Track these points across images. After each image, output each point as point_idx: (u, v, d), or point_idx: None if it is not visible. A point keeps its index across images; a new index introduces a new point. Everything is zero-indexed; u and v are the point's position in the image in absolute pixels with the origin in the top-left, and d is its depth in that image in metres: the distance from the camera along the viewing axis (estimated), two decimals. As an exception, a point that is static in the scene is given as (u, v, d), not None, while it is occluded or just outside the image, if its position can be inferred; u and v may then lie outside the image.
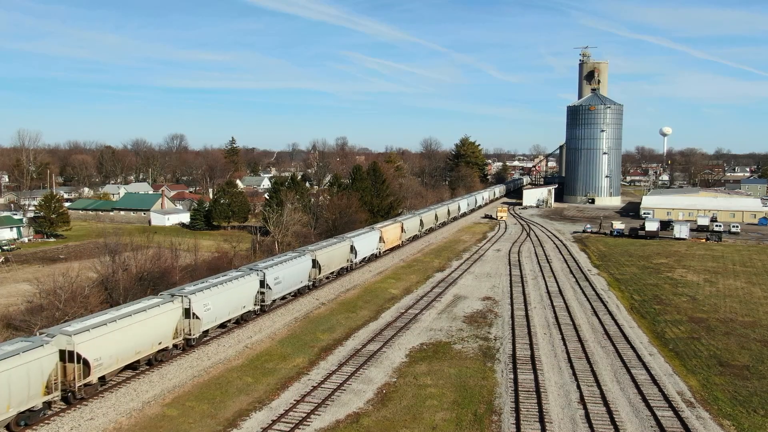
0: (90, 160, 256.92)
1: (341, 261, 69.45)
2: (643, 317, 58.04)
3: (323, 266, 63.97)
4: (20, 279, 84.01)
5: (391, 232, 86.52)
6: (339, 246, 68.92)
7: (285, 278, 55.70)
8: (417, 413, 35.43)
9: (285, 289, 56.26)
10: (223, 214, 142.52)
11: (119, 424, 33.27)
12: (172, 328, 41.92)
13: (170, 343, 41.79)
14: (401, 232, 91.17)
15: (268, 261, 57.51)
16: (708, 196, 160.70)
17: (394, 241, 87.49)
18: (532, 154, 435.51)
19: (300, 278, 59.22)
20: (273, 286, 53.58)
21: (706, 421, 34.82)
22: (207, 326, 45.16)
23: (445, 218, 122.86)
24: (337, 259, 68.02)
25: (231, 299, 48.04)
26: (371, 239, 78.63)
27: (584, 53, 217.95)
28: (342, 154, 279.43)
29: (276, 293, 54.67)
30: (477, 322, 55.02)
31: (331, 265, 66.73)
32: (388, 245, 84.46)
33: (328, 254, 65.71)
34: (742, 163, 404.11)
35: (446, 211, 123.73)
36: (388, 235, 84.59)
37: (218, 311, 46.22)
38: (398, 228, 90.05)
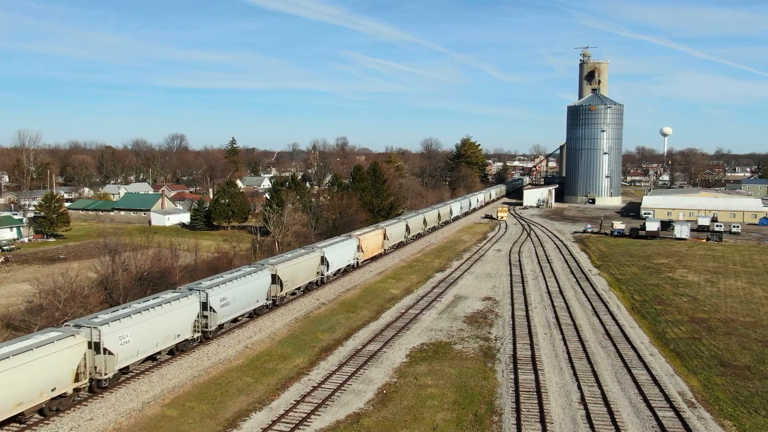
0: (90, 160, 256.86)
1: (309, 274, 61.96)
2: (644, 317, 57.94)
3: (286, 282, 56.43)
4: (20, 279, 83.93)
5: (371, 240, 78.85)
6: (306, 258, 61.38)
7: (235, 298, 48.20)
8: (417, 413, 35.34)
9: (235, 311, 48.51)
10: (223, 214, 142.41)
11: (119, 425, 33.17)
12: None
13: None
14: (383, 239, 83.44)
15: (216, 278, 49.62)
16: (708, 196, 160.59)
17: (374, 249, 80.00)
18: (532, 154, 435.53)
19: (255, 297, 51.51)
20: (219, 309, 45.97)
21: (708, 422, 34.71)
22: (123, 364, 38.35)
23: (435, 223, 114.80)
24: (303, 272, 60.48)
25: (158, 328, 40.16)
26: (347, 249, 71.09)
27: (584, 53, 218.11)
28: (342, 154, 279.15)
29: (223, 316, 46.90)
30: (477, 322, 54.92)
31: (296, 280, 59.22)
32: (367, 254, 77.13)
33: (293, 268, 58.07)
34: (742, 163, 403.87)
35: (436, 215, 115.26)
36: (368, 243, 77.19)
37: (141, 345, 38.77)
38: (380, 235, 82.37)
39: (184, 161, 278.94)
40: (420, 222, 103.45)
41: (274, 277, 54.48)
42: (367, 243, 76.89)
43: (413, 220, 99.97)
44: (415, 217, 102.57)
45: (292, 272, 57.94)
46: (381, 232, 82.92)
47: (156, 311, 40.51)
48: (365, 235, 77.35)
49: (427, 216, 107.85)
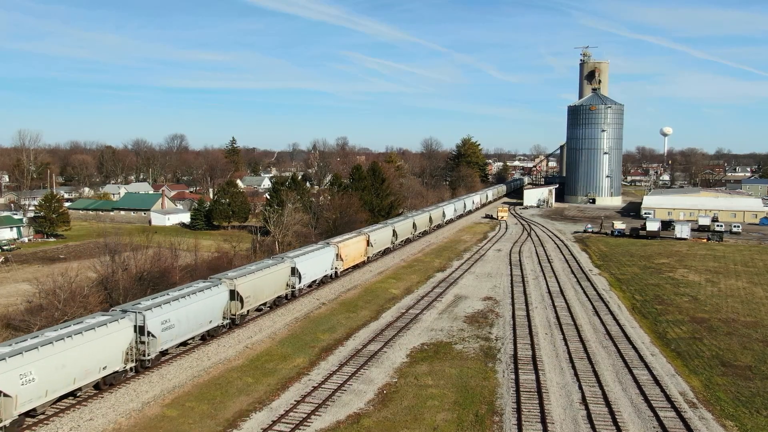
0: (90, 160, 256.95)
1: (277, 288, 55.73)
2: (645, 317, 57.84)
3: (248, 298, 50.17)
4: (20, 279, 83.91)
5: (353, 248, 72.74)
6: (274, 270, 54.86)
7: (182, 320, 42.18)
8: (418, 414, 35.23)
9: (182, 335, 42.64)
10: (223, 214, 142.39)
11: (119, 425, 33.08)
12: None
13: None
14: (367, 246, 77.30)
15: (159, 296, 43.60)
16: (709, 196, 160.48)
17: (356, 257, 73.93)
18: (532, 154, 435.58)
19: (208, 317, 45.43)
20: (160, 333, 39.90)
21: (709, 422, 34.61)
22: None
23: (426, 227, 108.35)
24: (270, 286, 54.29)
25: (74, 365, 33.88)
26: (323, 258, 64.77)
27: (585, 53, 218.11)
28: (342, 154, 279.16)
29: (166, 341, 40.86)
30: (478, 322, 54.82)
31: (261, 296, 52.84)
32: (348, 263, 71.34)
33: (257, 282, 51.68)
34: (742, 163, 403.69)
35: (427, 218, 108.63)
36: (348, 251, 71.33)
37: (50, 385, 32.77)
38: (362, 242, 76.10)
39: (184, 161, 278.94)
40: (408, 227, 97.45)
41: (232, 293, 48.05)
42: (348, 251, 71.06)
43: (401, 224, 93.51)
44: (403, 221, 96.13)
45: (256, 286, 51.58)
46: (363, 239, 76.59)
47: (75, 341, 34.08)
48: (345, 242, 71.27)
49: (417, 220, 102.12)
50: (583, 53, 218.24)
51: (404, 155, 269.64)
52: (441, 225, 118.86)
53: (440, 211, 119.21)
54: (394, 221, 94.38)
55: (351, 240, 73.38)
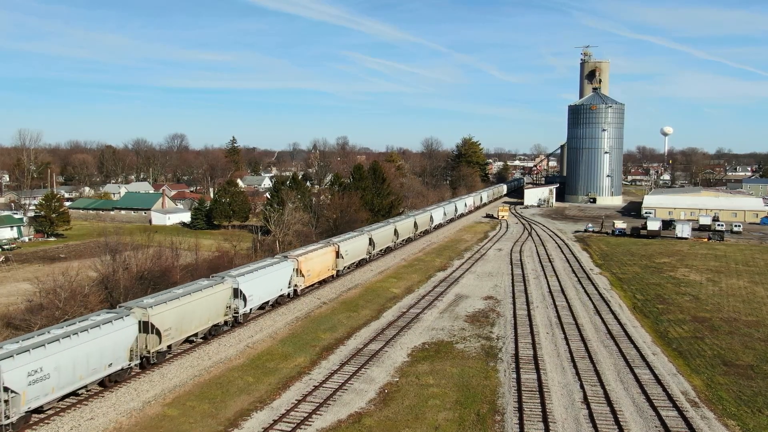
0: (91, 160, 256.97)
1: (213, 315, 45.58)
2: (646, 317, 57.76)
3: (168, 330, 40.48)
4: (20, 278, 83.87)
5: (317, 261, 63.54)
6: (208, 293, 44.94)
7: (66, 366, 32.99)
8: (419, 413, 35.16)
9: (65, 385, 33.28)
10: (223, 214, 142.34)
11: (119, 424, 33.01)
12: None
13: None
14: (336, 258, 68.34)
15: (39, 336, 33.74)
16: (710, 195, 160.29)
17: (322, 272, 64.81)
18: (533, 153, 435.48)
19: (105, 360, 35.81)
20: (27, 387, 30.77)
21: (711, 421, 34.54)
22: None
23: (411, 233, 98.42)
24: (203, 313, 44.33)
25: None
26: (277, 275, 55.17)
27: (585, 53, 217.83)
28: (343, 153, 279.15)
29: (39, 396, 31.70)
30: (479, 321, 54.75)
31: (189, 325, 43.00)
32: (312, 278, 62.30)
33: (183, 309, 41.98)
34: (743, 162, 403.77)
35: (411, 224, 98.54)
36: (312, 264, 61.98)
37: None
38: (330, 254, 67.03)
39: (184, 161, 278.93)
40: (389, 233, 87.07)
41: (145, 325, 38.75)
42: (311, 265, 61.96)
43: (380, 231, 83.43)
44: (383, 228, 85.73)
45: (182, 315, 41.96)
46: (332, 250, 67.65)
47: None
48: (308, 255, 62.11)
49: (399, 226, 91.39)
50: (584, 53, 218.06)
51: (405, 155, 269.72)
52: (428, 231, 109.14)
53: (427, 216, 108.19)
54: (371, 228, 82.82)
55: (316, 252, 63.95)
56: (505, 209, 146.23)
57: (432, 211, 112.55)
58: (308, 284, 61.94)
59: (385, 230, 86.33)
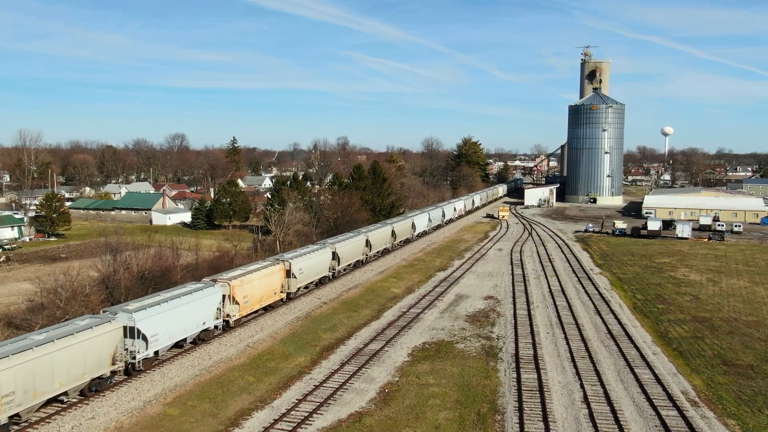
0: (91, 160, 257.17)
1: (90, 367, 35.02)
2: (646, 316, 57.80)
3: (9, 395, 29.94)
4: (21, 278, 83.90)
5: (258, 284, 51.64)
6: (82, 338, 34.38)
7: None
8: (420, 413, 35.21)
9: None
10: (224, 214, 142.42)
11: (120, 424, 33.07)
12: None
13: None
14: (285, 278, 56.39)
15: None
16: (710, 195, 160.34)
17: (266, 297, 53.16)
18: (533, 153, 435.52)
19: None
20: None
21: (711, 421, 34.58)
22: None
23: (388, 243, 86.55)
24: (73, 366, 33.82)
25: None
26: (199, 306, 44.11)
27: (586, 53, 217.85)
28: (343, 153, 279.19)
29: None
30: (479, 321, 54.80)
31: (48, 387, 32.33)
32: (251, 306, 50.65)
33: (40, 363, 31.67)
34: (743, 162, 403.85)
35: (389, 232, 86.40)
36: (250, 289, 50.30)
37: None
38: (277, 274, 54.99)
39: (185, 161, 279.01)
40: (359, 245, 74.55)
41: None
42: (249, 289, 50.18)
43: (347, 244, 70.69)
44: (351, 239, 72.98)
45: (35, 371, 31.38)
46: (280, 270, 55.59)
47: None
48: (245, 278, 50.20)
49: (372, 236, 79.54)
50: (584, 53, 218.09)
51: (405, 155, 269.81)
52: (410, 239, 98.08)
53: (407, 224, 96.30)
54: (336, 240, 70.52)
55: (258, 273, 52.10)
56: (506, 209, 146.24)
57: (414, 218, 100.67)
58: (246, 313, 50.34)
59: (354, 242, 73.25)
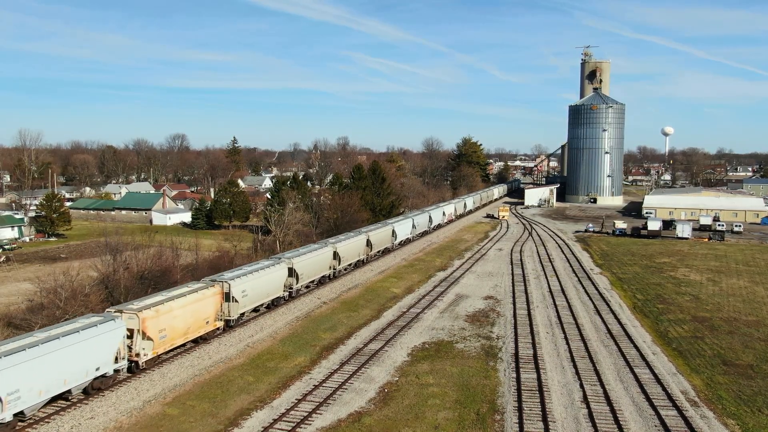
0: (91, 160, 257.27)
1: None
2: (646, 316, 57.76)
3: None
4: (21, 278, 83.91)
5: (183, 313, 41.82)
6: None
7: None
8: (419, 412, 35.19)
9: None
10: (224, 214, 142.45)
11: (120, 423, 33.05)
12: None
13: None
14: (223, 302, 46.37)
15: None
16: (710, 195, 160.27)
17: (194, 328, 43.21)
18: (533, 153, 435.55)
19: None
20: None
21: (711, 421, 34.55)
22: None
23: (361, 254, 75.56)
24: None
25: None
26: (90, 347, 34.51)
27: (586, 53, 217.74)
28: (343, 153, 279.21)
29: None
30: (479, 321, 54.77)
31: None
32: (171, 340, 40.93)
33: None
34: (744, 162, 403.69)
35: (362, 243, 75.60)
36: (169, 320, 40.44)
37: None
38: (211, 300, 45.18)
39: (185, 161, 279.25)
40: (325, 259, 65.30)
41: None
42: (167, 322, 40.30)
43: (309, 259, 61.28)
44: (315, 252, 63.54)
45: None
46: (215, 293, 45.58)
47: None
48: (164, 307, 40.33)
49: (342, 248, 68.67)
50: (584, 53, 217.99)
51: (405, 155, 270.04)
52: (390, 249, 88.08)
53: (386, 232, 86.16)
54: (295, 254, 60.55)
55: (178, 301, 41.85)
56: (506, 209, 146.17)
57: (394, 225, 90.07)
58: (165, 349, 40.91)
59: (320, 255, 64.28)
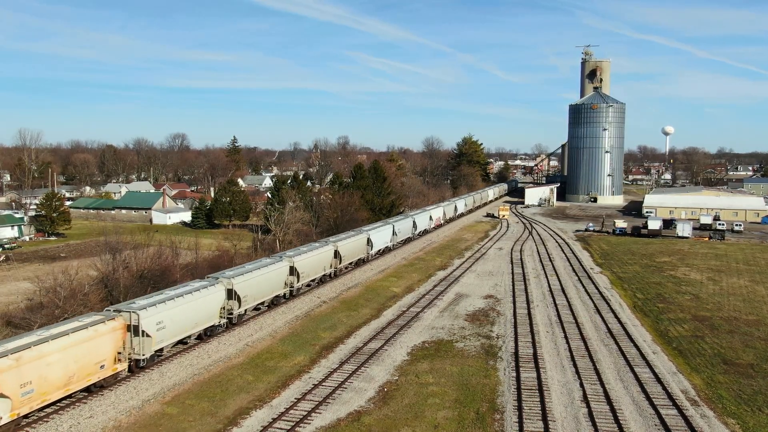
0: (92, 159, 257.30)
1: None
2: (647, 315, 57.67)
3: None
4: (21, 277, 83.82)
5: (65, 358, 32.96)
6: None
7: None
8: (419, 412, 35.12)
9: None
10: (224, 213, 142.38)
11: (119, 422, 32.99)
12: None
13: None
14: (130, 338, 37.87)
15: None
16: (711, 195, 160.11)
17: (83, 374, 34.32)
18: (534, 153, 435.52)
19: None
20: None
21: (711, 420, 34.48)
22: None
23: (327, 267, 64.92)
24: None
25: None
26: None
27: (586, 52, 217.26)
28: (344, 153, 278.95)
29: None
30: (479, 320, 54.70)
31: None
32: (40, 396, 31.46)
33: None
34: (744, 162, 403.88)
35: (328, 257, 64.69)
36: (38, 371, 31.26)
37: None
38: (108, 338, 36.27)
39: (185, 160, 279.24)
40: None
41: None
42: (36, 372, 31.25)
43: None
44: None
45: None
46: (114, 329, 36.83)
47: None
48: (31, 352, 31.21)
49: (300, 262, 57.75)
50: (585, 52, 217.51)
51: (406, 154, 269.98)
52: (365, 259, 77.52)
53: (360, 240, 75.46)
54: (238, 272, 50.22)
55: (55, 343, 32.78)
56: (506, 208, 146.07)
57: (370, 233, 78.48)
58: (33, 408, 31.53)
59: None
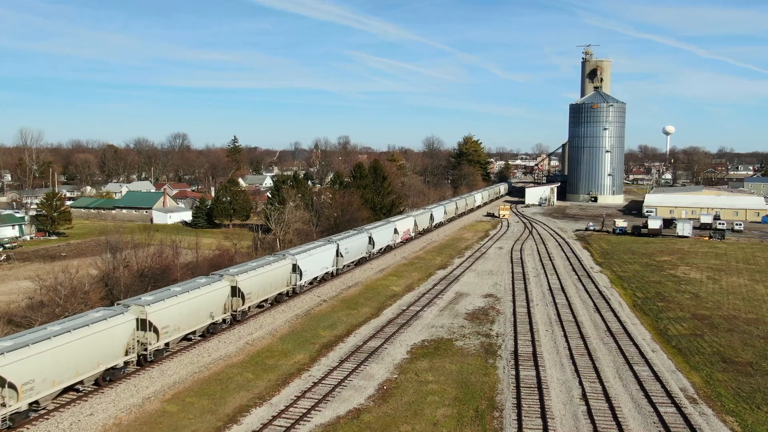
0: (92, 159, 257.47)
1: None
2: (646, 314, 57.74)
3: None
4: (22, 276, 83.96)
5: None
6: None
7: None
8: (418, 409, 35.22)
9: None
10: (224, 213, 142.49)
11: (119, 420, 33.10)
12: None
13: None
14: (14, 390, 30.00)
15: None
16: (711, 194, 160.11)
17: None
18: (534, 152, 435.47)
19: None
20: None
21: (710, 418, 34.56)
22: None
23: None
24: None
25: None
26: None
27: (586, 51, 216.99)
28: (344, 152, 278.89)
29: None
30: (479, 318, 54.78)
31: None
32: None
33: None
34: (745, 161, 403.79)
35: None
36: None
37: None
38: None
39: (186, 160, 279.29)
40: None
41: None
42: None
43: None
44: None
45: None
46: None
47: None
48: None
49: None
50: (585, 52, 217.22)
51: (406, 154, 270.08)
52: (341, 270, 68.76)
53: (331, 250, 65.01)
54: (188, 288, 44.01)
55: None
56: (506, 208, 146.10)
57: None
58: None
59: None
